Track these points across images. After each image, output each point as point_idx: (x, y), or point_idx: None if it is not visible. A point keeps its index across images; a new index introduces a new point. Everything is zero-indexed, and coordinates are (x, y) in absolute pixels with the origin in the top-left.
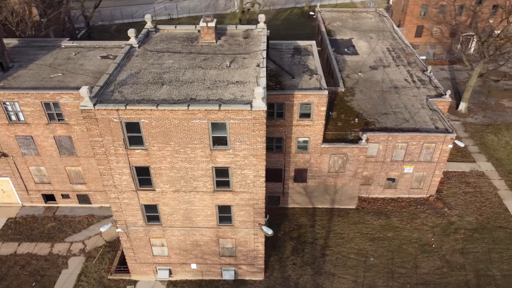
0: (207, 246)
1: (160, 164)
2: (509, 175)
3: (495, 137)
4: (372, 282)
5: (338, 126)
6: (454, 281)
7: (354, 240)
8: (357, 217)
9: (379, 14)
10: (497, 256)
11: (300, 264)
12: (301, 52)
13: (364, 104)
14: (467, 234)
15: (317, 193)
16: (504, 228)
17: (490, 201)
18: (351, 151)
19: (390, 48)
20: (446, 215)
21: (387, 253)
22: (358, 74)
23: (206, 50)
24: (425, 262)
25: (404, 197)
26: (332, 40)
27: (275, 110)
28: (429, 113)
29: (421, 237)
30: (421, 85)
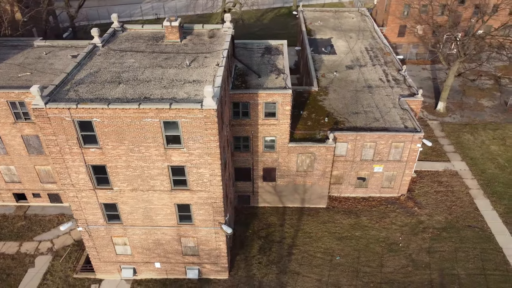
0: (170, 245)
1: (115, 163)
2: (482, 174)
3: (471, 137)
4: (336, 281)
5: (308, 125)
6: (418, 280)
7: (322, 239)
8: (326, 216)
9: (361, 13)
10: (463, 255)
11: (266, 263)
12: (272, 51)
13: (336, 104)
14: (435, 233)
15: (287, 192)
16: (472, 227)
17: (461, 200)
18: (318, 150)
19: (369, 48)
20: (416, 214)
21: (353, 252)
22: (333, 73)
23: (169, 50)
24: (390, 261)
25: (376, 196)
26: (311, 40)
27: (240, 109)
28: (400, 112)
29: (389, 236)
30: (395, 84)
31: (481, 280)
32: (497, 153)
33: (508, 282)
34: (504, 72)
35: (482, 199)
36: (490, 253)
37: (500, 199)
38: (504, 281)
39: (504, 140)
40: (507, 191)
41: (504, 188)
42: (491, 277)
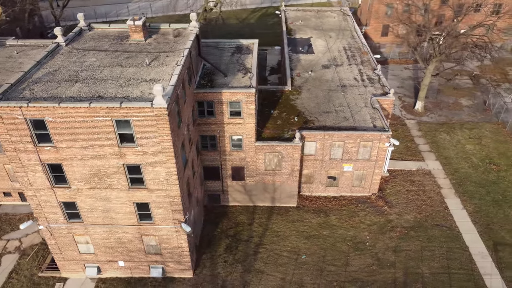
0: (132, 243)
1: (71, 161)
2: (455, 174)
3: (447, 136)
4: (300, 279)
5: (278, 124)
6: (381, 279)
7: (290, 238)
8: (296, 215)
9: (343, 13)
10: (429, 254)
11: (232, 261)
12: (242, 50)
13: (308, 103)
14: (403, 232)
15: (257, 191)
16: (440, 227)
17: (431, 200)
18: (285, 149)
19: (347, 47)
20: (386, 213)
21: (320, 251)
22: (308, 73)
23: (133, 49)
24: (356, 259)
25: (347, 195)
26: (290, 39)
27: (205, 108)
28: (370, 111)
29: (356, 235)
30: (370, 83)
31: (445, 279)
32: (472, 153)
33: (472, 281)
34: (486, 72)
35: (453, 198)
36: (456, 252)
37: (470, 198)
38: (468, 280)
39: (480, 140)
40: (478, 190)
41: (475, 187)
42: (455, 276)
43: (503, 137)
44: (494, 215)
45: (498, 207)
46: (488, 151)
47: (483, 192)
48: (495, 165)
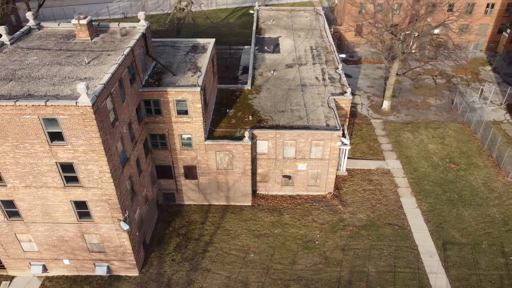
0: (74, 241)
1: (4, 159)
2: (414, 173)
3: (411, 135)
4: (245, 278)
5: (232, 123)
6: (326, 277)
7: (240, 236)
8: (250, 214)
9: (316, 12)
10: (377, 252)
11: (179, 260)
12: (197, 49)
13: (265, 102)
14: (354, 231)
15: (211, 190)
16: (392, 225)
17: (387, 199)
18: (235, 148)
19: (314, 47)
20: (339, 212)
21: (269, 249)
22: (271, 72)
23: (77, 47)
24: (304, 258)
25: (303, 194)
26: (259, 39)
27: (152, 107)
28: (326, 110)
29: (307, 234)
30: (330, 83)
31: (390, 278)
32: (433, 152)
33: (416, 280)
34: (459, 72)
35: (409, 197)
36: (405, 251)
37: (426, 197)
38: (412, 279)
39: (443, 139)
40: (435, 189)
41: (432, 186)
42: (400, 275)
43: (467, 137)
44: (447, 214)
45: (452, 206)
46: (450, 150)
47: (439, 191)
48: (454, 164)
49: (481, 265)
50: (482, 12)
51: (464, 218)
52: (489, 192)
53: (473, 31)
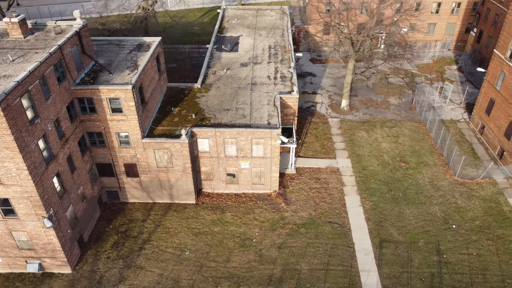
0: (3, 238)
1: None
2: (363, 171)
3: (366, 134)
4: (178, 275)
5: (174, 121)
6: (258, 275)
7: (179, 234)
8: (192, 212)
9: (282, 11)
10: (313, 250)
11: (114, 257)
12: (142, 48)
13: (212, 101)
14: (293, 229)
15: (154, 188)
16: (332, 223)
17: (331, 197)
18: (173, 146)
19: (272, 46)
20: (282, 211)
21: (205, 247)
22: (224, 71)
23: (8, 45)
24: (239, 256)
25: (248, 192)
26: (220, 38)
27: (86, 105)
28: (271, 109)
29: (246, 232)
30: (281, 81)
31: (321, 275)
32: (386, 150)
33: (347, 277)
34: (424, 71)
35: (353, 196)
36: (341, 249)
37: (370, 195)
38: (344, 276)
39: (397, 138)
40: (381, 187)
41: (379, 185)
42: (332, 272)
43: (421, 135)
44: (389, 213)
45: (395, 204)
46: (403, 149)
47: (384, 190)
48: (404, 163)
49: (415, 263)
50: (449, 11)
51: (405, 216)
52: (434, 190)
53: (441, 30)
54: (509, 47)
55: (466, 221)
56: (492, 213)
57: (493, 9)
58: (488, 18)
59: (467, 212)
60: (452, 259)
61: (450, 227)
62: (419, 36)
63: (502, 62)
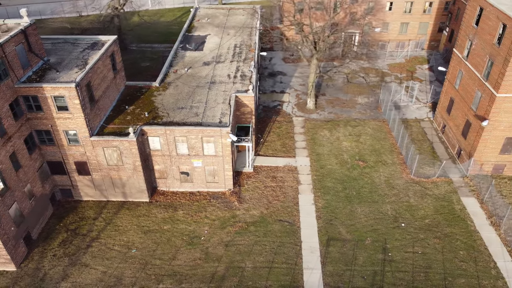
0: None
1: None
2: (320, 170)
3: (328, 133)
4: (121, 273)
5: (127, 120)
6: (201, 272)
7: (128, 232)
8: (144, 210)
9: (254, 11)
10: (259, 248)
11: (60, 255)
12: (96, 47)
13: (168, 99)
14: (243, 227)
15: (106, 186)
16: (282, 222)
17: (285, 195)
18: (121, 144)
19: (238, 45)
20: (234, 209)
21: (153, 245)
22: (185, 69)
23: None
24: (185, 254)
25: (203, 191)
26: (188, 37)
27: (32, 103)
28: (224, 107)
29: (196, 230)
30: (240, 80)
31: (264, 273)
32: (346, 149)
33: (290, 275)
34: (394, 70)
35: (308, 195)
36: (287, 247)
37: (324, 194)
38: (286, 274)
39: (359, 137)
40: (336, 186)
41: (334, 183)
42: (276, 270)
43: (383, 134)
44: (340, 211)
45: (347, 202)
46: (363, 148)
47: (339, 188)
48: (362, 162)
49: (359, 261)
50: (421, 10)
51: (355, 214)
52: (389, 189)
53: (414, 29)
54: (466, 46)
55: (416, 220)
56: (443, 211)
57: (462, 8)
58: (458, 17)
59: (418, 211)
60: (397, 257)
61: (399, 225)
62: (392, 36)
63: (460, 61)
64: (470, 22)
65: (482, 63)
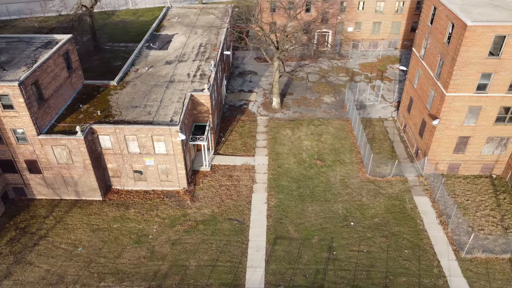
0: None
1: None
2: (277, 169)
3: (290, 132)
4: (64, 271)
5: (79, 118)
6: (144, 271)
7: (77, 231)
8: (96, 209)
9: (226, 10)
10: (205, 247)
11: (6, 253)
12: (49, 45)
13: (124, 98)
14: (192, 226)
15: (59, 185)
16: (232, 220)
17: (239, 194)
18: (70, 143)
19: (203, 44)
20: (186, 207)
21: (99, 243)
22: (146, 68)
23: None
24: (131, 252)
25: (158, 189)
26: (155, 36)
27: None
28: (179, 106)
29: (145, 228)
30: (199, 79)
31: (207, 271)
32: (306, 148)
33: (232, 273)
34: (365, 69)
35: (261, 193)
36: (234, 245)
37: (278, 193)
38: (229, 272)
39: (321, 136)
40: (291, 185)
41: (289, 182)
42: (219, 268)
43: (345, 134)
44: (292, 210)
45: (300, 201)
46: (323, 147)
47: (294, 187)
48: (320, 161)
49: (303, 259)
50: (394, 10)
51: (306, 213)
52: (343, 188)
53: (386, 29)
54: (423, 45)
55: (366, 219)
56: (393, 210)
57: None
58: None
59: (369, 210)
60: (341, 256)
61: (348, 224)
62: (365, 35)
63: (418, 61)
64: (426, 21)
65: (435, 62)
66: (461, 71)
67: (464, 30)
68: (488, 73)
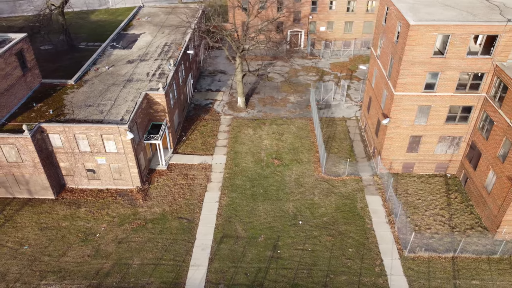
0: None
1: None
2: (234, 168)
3: (252, 131)
4: (7, 269)
5: (30, 117)
6: (87, 269)
7: (25, 229)
8: (47, 207)
9: (196, 10)
10: (151, 245)
11: None
12: (2, 44)
13: (79, 97)
14: (141, 224)
15: (10, 183)
16: (182, 219)
17: (192, 193)
18: (17, 141)
19: (168, 43)
20: (137, 206)
21: (46, 241)
22: (106, 68)
23: None
24: (76, 251)
25: (112, 188)
26: (122, 35)
27: None
28: (132, 105)
29: (93, 227)
30: (157, 78)
31: (149, 270)
32: (265, 147)
33: (174, 272)
34: (336, 69)
35: (215, 192)
36: (180, 244)
37: (231, 192)
38: (171, 271)
39: (282, 135)
40: (245, 184)
41: (244, 181)
42: (161, 267)
43: (306, 133)
44: (242, 209)
45: (252, 200)
46: (283, 146)
47: (248, 186)
48: (278, 160)
49: (247, 258)
50: (364, 9)
51: (256, 212)
52: (297, 187)
53: (358, 28)
54: (379, 45)
55: (315, 217)
56: (343, 209)
57: None
58: None
59: (319, 209)
60: (285, 254)
61: (296, 223)
62: (337, 34)
63: (375, 60)
64: (381, 20)
65: (387, 61)
66: (408, 70)
67: (408, 29)
68: (435, 72)
